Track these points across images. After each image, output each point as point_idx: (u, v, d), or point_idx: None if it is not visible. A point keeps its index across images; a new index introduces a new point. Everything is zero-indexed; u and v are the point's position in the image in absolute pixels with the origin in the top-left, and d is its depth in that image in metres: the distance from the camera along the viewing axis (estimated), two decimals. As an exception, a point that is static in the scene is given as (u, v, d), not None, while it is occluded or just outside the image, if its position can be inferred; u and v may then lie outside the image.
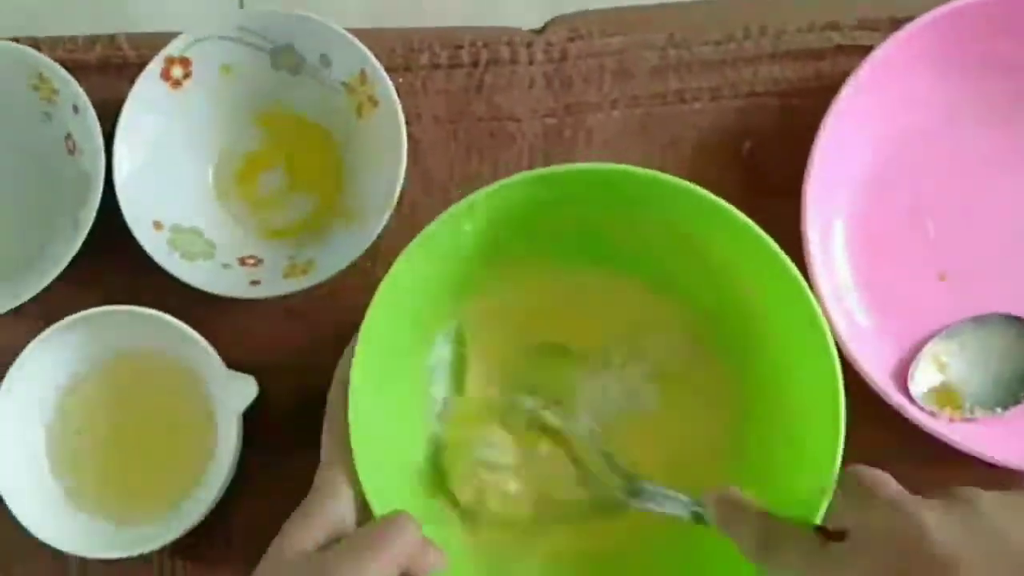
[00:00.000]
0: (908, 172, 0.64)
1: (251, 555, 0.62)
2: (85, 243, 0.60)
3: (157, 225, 0.61)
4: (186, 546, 0.61)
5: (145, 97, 0.62)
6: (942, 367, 0.61)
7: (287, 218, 0.65)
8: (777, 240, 0.61)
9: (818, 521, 0.49)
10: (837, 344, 0.58)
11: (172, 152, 0.63)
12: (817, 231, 0.60)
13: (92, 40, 0.66)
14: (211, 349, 0.59)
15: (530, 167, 0.65)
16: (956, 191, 0.64)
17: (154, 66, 0.61)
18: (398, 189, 0.60)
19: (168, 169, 0.63)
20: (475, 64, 0.66)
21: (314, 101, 0.64)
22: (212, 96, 0.64)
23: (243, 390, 0.59)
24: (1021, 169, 0.64)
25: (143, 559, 0.59)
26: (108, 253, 0.61)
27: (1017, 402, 0.61)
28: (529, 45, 0.66)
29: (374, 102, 0.62)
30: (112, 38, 0.66)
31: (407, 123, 0.61)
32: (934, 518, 0.42)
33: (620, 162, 0.62)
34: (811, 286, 0.58)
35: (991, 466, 0.59)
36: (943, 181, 0.64)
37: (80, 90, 0.61)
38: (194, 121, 0.64)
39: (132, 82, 0.62)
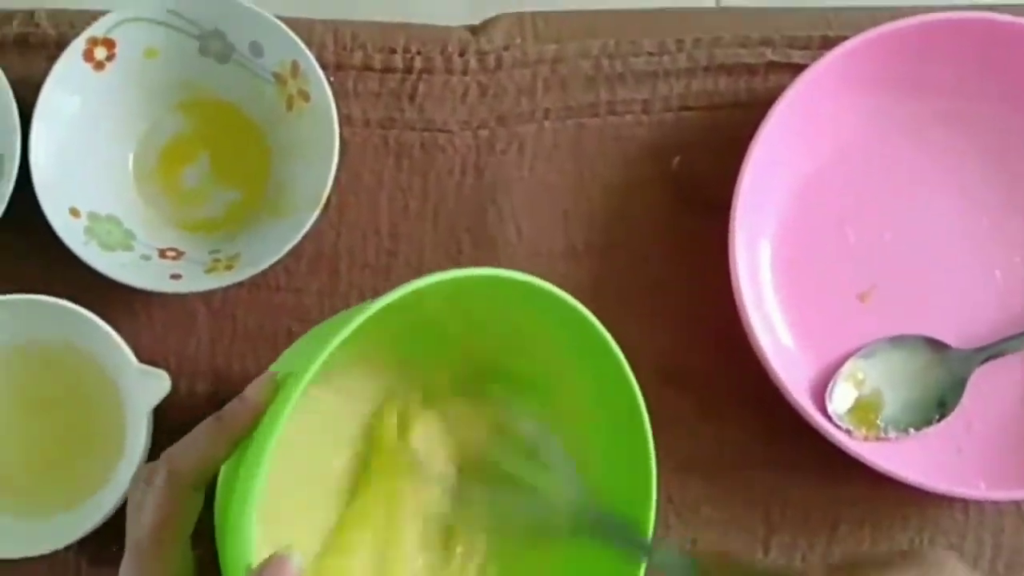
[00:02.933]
0: (834, 191, 0.65)
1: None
2: (-1, 225, 0.58)
3: (74, 212, 0.59)
4: (92, 545, 0.59)
5: (65, 78, 0.59)
6: (859, 386, 0.62)
7: (210, 210, 0.63)
8: (705, 253, 0.62)
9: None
10: (760, 360, 0.59)
11: (92, 136, 0.61)
12: (744, 249, 0.61)
13: (8, 15, 0.64)
14: (122, 343, 0.57)
15: (461, 181, 0.64)
16: (881, 212, 0.65)
17: (76, 46, 0.59)
18: (327, 189, 0.59)
19: (87, 154, 0.61)
20: (408, 71, 0.65)
21: (242, 91, 0.63)
22: (136, 80, 0.62)
23: (155, 386, 0.57)
24: (946, 192, 0.65)
25: (45, 559, 0.57)
26: (22, 239, 0.59)
27: (929, 423, 0.62)
28: (463, 53, 0.65)
29: (305, 96, 0.60)
30: (31, 14, 0.63)
31: (335, 123, 0.60)
32: None
33: (554, 177, 0.62)
34: (737, 303, 0.60)
35: (901, 484, 0.60)
36: (868, 201, 0.65)
37: (-3, 67, 0.59)
38: (116, 105, 0.62)
39: (51, 61, 0.59)
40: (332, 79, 0.62)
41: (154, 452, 0.58)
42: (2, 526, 0.59)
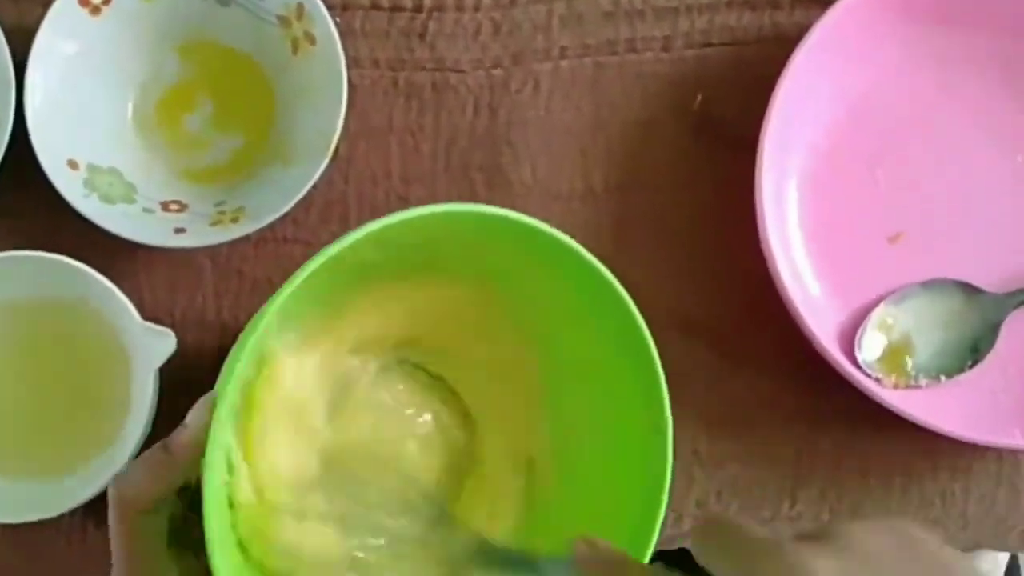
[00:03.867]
0: (864, 131, 0.62)
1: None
2: (-4, 181, 0.56)
3: (72, 164, 0.57)
4: (100, 506, 0.57)
5: (61, 24, 0.56)
6: (889, 332, 0.60)
7: (213, 158, 0.61)
8: (730, 196, 0.60)
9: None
10: (786, 304, 0.58)
11: (89, 85, 0.59)
12: (770, 190, 0.58)
13: (0, -40, 0.61)
14: (126, 300, 0.55)
15: (474, 121, 0.62)
16: (912, 152, 0.63)
17: (71, -11, 0.57)
18: (336, 136, 0.56)
19: (85, 103, 0.59)
20: (418, 9, 0.62)
21: (245, 34, 0.60)
22: (134, 25, 0.59)
23: (160, 344, 0.55)
24: (978, 131, 0.63)
25: (52, 522, 0.55)
26: (21, 193, 0.57)
27: (962, 370, 0.60)
28: (475, -12, 0.63)
29: (311, 39, 0.58)
30: (24, -42, 0.61)
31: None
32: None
33: (570, 115, 0.60)
34: (763, 247, 0.58)
35: (933, 433, 0.58)
36: (899, 141, 0.62)
37: (-13, 14, 0.56)
38: (114, 51, 0.59)
39: (46, 7, 0.56)
40: (338, 19, 0.60)
41: (161, 409, 0.56)
42: (8, 489, 0.57)
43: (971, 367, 0.60)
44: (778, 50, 0.60)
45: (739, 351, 0.60)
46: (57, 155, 0.56)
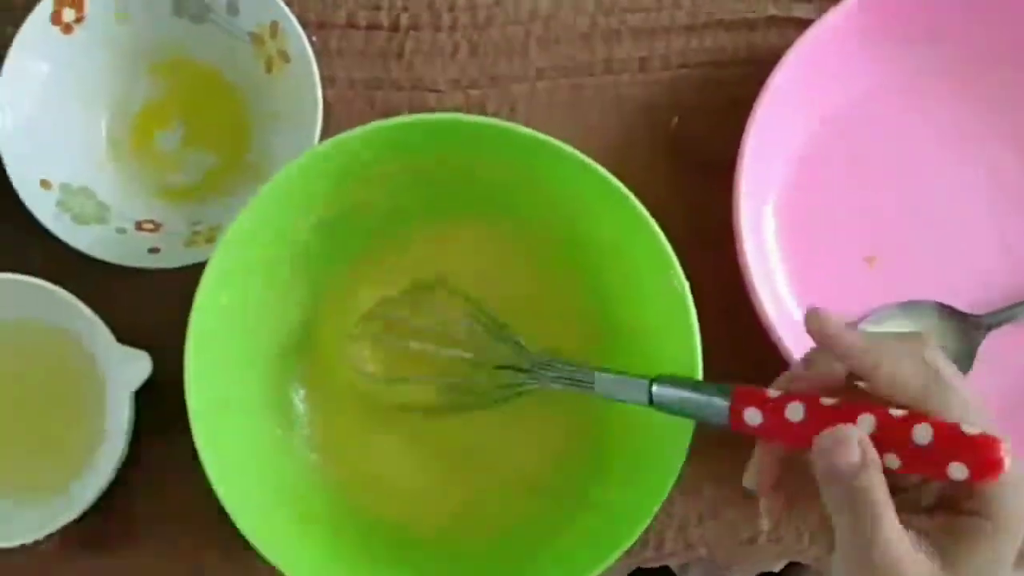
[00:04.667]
0: (840, 152, 0.63)
1: (148, 537, 0.59)
2: (-34, 202, 0.55)
3: (45, 184, 0.56)
4: (78, 531, 0.56)
5: (32, 42, 0.56)
6: (866, 353, 0.60)
7: (188, 177, 0.60)
8: (706, 218, 0.60)
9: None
10: (764, 327, 0.57)
11: (62, 104, 0.58)
12: (748, 211, 0.58)
13: (-31, -20, 0.60)
14: (100, 323, 0.54)
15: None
16: (888, 173, 0.63)
17: (43, 8, 0.56)
18: (311, 154, 0.56)
19: (57, 123, 0.58)
20: (395, 28, 0.62)
21: (218, 52, 0.60)
22: (107, 44, 0.58)
23: (136, 368, 0.54)
24: (954, 153, 0.63)
25: (25, 548, 0.54)
26: (-7, 214, 0.56)
27: (939, 390, 0.60)
28: (452, 9, 0.62)
29: (285, 58, 0.57)
30: (-6, -22, 0.60)
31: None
32: None
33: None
34: (741, 267, 0.57)
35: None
36: (875, 162, 0.63)
37: (-42, 32, 0.56)
38: (86, 70, 0.59)
39: (17, 26, 0.56)
40: (314, 38, 0.60)
41: (137, 429, 0.56)
42: None
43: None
44: (754, 71, 0.60)
45: (718, 373, 0.59)
46: (29, 175, 0.56)
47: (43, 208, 0.55)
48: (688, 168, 0.63)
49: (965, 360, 0.60)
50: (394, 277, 0.58)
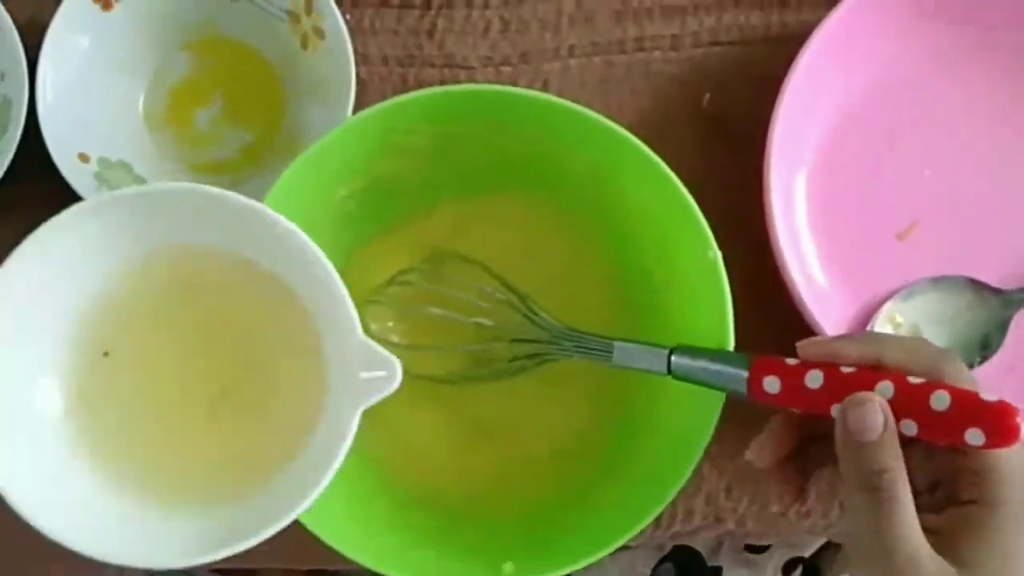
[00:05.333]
0: (871, 127, 0.62)
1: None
2: (7, 173, 0.56)
3: (83, 157, 0.57)
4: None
5: (73, 17, 0.57)
6: (898, 328, 0.60)
7: (224, 153, 0.61)
8: (738, 193, 0.60)
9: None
10: (795, 302, 0.58)
11: (101, 78, 0.59)
12: (779, 186, 0.58)
13: (14, -43, 0.61)
14: (350, 304, 0.41)
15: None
16: (920, 147, 0.63)
17: (83, -16, 0.57)
18: (345, 130, 0.57)
19: (96, 97, 0.59)
20: (427, 6, 0.63)
21: (254, 29, 0.60)
22: (145, 19, 0.59)
23: (380, 376, 0.41)
24: (987, 126, 0.63)
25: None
26: (32, 185, 0.57)
27: (971, 366, 0.60)
28: (484, -14, 0.63)
29: (320, 34, 0.58)
30: (37, -45, 0.61)
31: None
32: None
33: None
34: (771, 243, 0.58)
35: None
36: (907, 137, 0.63)
37: (1, 8, 0.56)
38: (125, 45, 0.60)
39: (59, 2, 0.57)
40: (348, 17, 0.60)
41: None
42: (151, 518, 0.42)
43: (980, 363, 0.60)
44: (785, 48, 0.60)
45: (748, 346, 0.59)
46: (68, 148, 0.57)
47: (82, 181, 0.56)
48: (720, 144, 0.63)
49: (997, 335, 0.60)
50: (422, 250, 0.58)
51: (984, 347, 0.60)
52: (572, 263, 0.59)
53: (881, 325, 0.60)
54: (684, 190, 0.53)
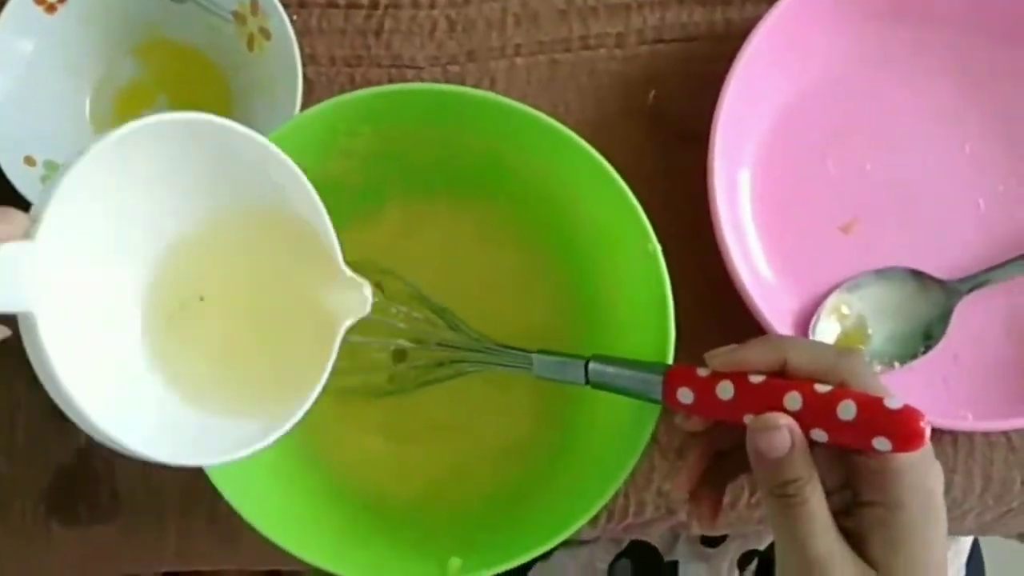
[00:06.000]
0: (813, 122, 0.63)
1: (131, 505, 0.60)
2: (-51, 179, 0.55)
3: (29, 161, 0.57)
4: (61, 504, 0.57)
5: (17, 21, 0.57)
6: (843, 320, 0.61)
7: (171, 155, 0.61)
8: (684, 189, 0.61)
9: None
10: (742, 295, 0.58)
11: (46, 82, 0.59)
12: (723, 181, 0.59)
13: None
14: (334, 235, 0.45)
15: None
16: (862, 142, 0.64)
17: (26, -12, 0.57)
18: (292, 128, 0.57)
19: (41, 100, 0.59)
20: (374, 6, 0.63)
21: (200, 31, 0.60)
22: (90, 22, 0.59)
23: (358, 298, 0.46)
24: (927, 121, 0.64)
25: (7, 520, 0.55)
26: (-25, 190, 0.57)
27: (915, 356, 0.61)
28: (430, -13, 0.63)
29: (266, 35, 0.58)
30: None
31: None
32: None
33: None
34: (717, 237, 0.58)
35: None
36: (848, 131, 0.64)
37: (-57, 13, 0.56)
38: (70, 49, 0.59)
39: (1, 6, 0.57)
40: (295, 17, 0.61)
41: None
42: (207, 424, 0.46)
43: (924, 353, 0.61)
44: (729, 45, 0.60)
45: (694, 341, 0.60)
46: (14, 152, 0.57)
47: (28, 184, 0.56)
48: (666, 141, 0.63)
49: (939, 324, 0.61)
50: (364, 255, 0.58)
51: (927, 336, 0.61)
52: (519, 263, 0.60)
53: (827, 316, 0.61)
54: (623, 183, 0.54)
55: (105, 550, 0.60)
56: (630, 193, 0.54)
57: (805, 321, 0.61)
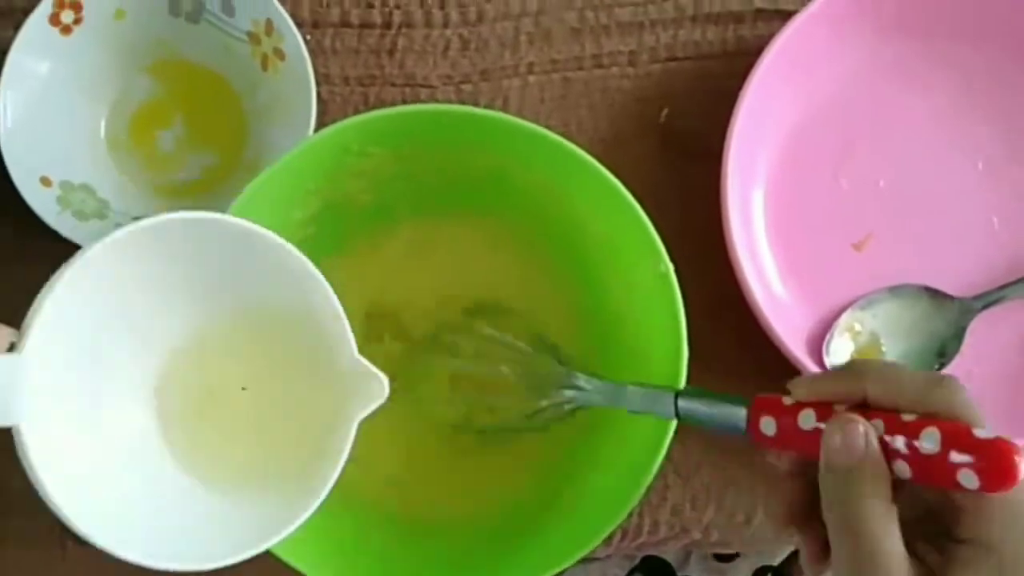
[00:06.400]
0: (826, 139, 0.63)
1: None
2: (-34, 200, 0.56)
3: (45, 181, 0.58)
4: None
5: (33, 43, 0.57)
6: (857, 337, 0.61)
7: (187, 175, 0.61)
8: (697, 207, 0.61)
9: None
10: (755, 313, 0.58)
11: (61, 103, 0.59)
12: (736, 199, 0.59)
13: (-29, -17, 0.62)
14: (346, 322, 0.44)
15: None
16: (875, 159, 0.64)
17: (42, 9, 0.57)
18: (306, 149, 0.57)
19: (57, 121, 0.59)
20: (387, 26, 0.63)
21: (215, 51, 0.61)
22: (105, 44, 0.60)
23: (372, 390, 0.44)
24: (940, 138, 0.64)
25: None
26: (-7, 211, 0.57)
27: (930, 373, 0.61)
28: (443, 6, 0.63)
29: (280, 55, 0.59)
30: (-5, -19, 0.62)
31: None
32: None
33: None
34: (730, 255, 0.58)
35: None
36: (861, 148, 0.64)
37: (-40, 35, 0.57)
38: (85, 70, 0.60)
39: (18, 28, 0.57)
40: (308, 37, 0.61)
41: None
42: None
43: (938, 370, 0.61)
44: (741, 63, 0.61)
45: (708, 358, 0.60)
46: (30, 172, 0.57)
47: (44, 205, 0.56)
48: (679, 159, 0.64)
49: (954, 342, 0.61)
50: (381, 275, 0.58)
51: (941, 354, 0.61)
52: (530, 281, 0.59)
53: (840, 334, 0.61)
54: (635, 203, 0.54)
55: (120, 568, 0.60)
56: (640, 211, 0.54)
57: (819, 339, 0.61)
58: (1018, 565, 0.38)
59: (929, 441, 0.39)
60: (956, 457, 0.38)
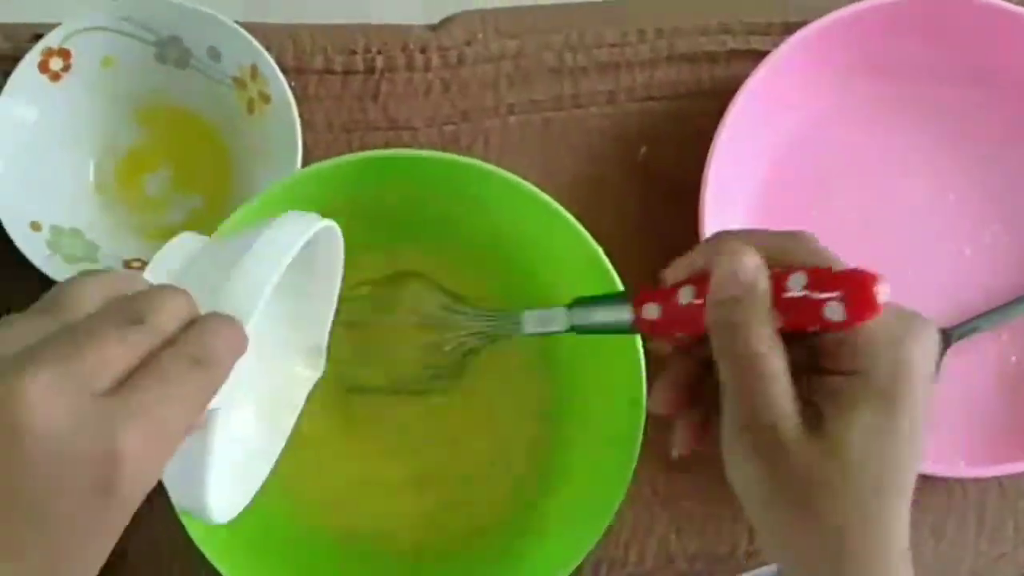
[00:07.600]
0: (803, 177, 0.65)
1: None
2: (-43, 244, 0.56)
3: (35, 226, 0.58)
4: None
5: (21, 90, 0.59)
6: (836, 369, 0.62)
7: (174, 218, 0.62)
8: (675, 243, 0.61)
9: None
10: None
11: (51, 149, 0.61)
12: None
13: (-38, 31, 0.63)
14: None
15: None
16: (848, 193, 0.65)
17: (31, 57, 0.58)
18: (291, 191, 0.58)
19: (47, 167, 0.60)
20: (370, 71, 0.64)
21: (201, 96, 0.62)
22: (93, 90, 0.61)
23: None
24: (912, 172, 0.66)
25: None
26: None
27: (907, 403, 0.62)
28: (424, 50, 0.65)
29: (266, 98, 0.60)
30: (-16, 28, 0.63)
31: (298, 128, 0.60)
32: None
33: (520, 169, 0.61)
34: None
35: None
36: (834, 183, 0.65)
37: (-50, 82, 0.58)
38: (74, 116, 0.61)
39: (7, 75, 0.58)
40: (293, 84, 0.62)
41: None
42: None
43: (915, 399, 0.62)
44: (717, 102, 0.62)
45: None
46: (20, 217, 0.58)
47: (34, 249, 0.57)
48: (657, 196, 0.65)
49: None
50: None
51: (918, 383, 0.62)
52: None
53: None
54: (580, 228, 0.55)
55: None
56: (584, 231, 0.55)
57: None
58: (891, 386, 0.39)
59: (795, 283, 0.40)
60: (821, 295, 0.39)
